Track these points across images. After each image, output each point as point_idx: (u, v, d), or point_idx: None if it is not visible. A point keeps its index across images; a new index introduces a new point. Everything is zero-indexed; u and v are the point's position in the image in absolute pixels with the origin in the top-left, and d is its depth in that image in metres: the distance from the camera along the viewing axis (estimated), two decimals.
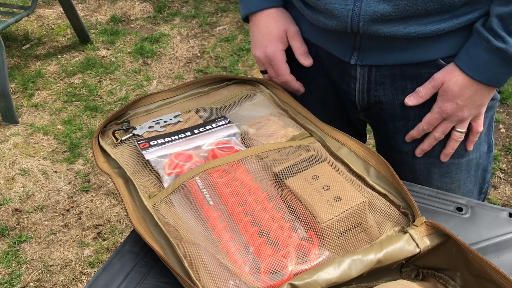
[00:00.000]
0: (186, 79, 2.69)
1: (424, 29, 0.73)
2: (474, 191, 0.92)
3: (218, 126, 0.78)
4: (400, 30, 0.73)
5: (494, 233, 0.68)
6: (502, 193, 1.98)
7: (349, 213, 0.60)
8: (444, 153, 0.84)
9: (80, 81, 2.69)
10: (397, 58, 0.79)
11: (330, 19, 0.76)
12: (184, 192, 0.67)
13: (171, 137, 0.76)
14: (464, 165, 0.87)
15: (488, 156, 0.91)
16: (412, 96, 0.81)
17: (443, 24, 0.73)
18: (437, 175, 0.88)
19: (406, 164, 0.89)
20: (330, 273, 0.53)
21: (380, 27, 0.73)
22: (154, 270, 0.64)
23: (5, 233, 1.88)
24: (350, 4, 0.73)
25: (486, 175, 0.93)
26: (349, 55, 0.81)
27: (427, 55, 0.77)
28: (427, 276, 0.60)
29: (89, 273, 1.74)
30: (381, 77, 0.82)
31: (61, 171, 2.15)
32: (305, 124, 0.80)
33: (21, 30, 3.15)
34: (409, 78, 0.80)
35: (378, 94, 0.84)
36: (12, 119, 2.39)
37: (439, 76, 0.77)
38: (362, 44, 0.79)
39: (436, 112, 0.79)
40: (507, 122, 2.33)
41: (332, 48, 0.84)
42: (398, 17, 0.72)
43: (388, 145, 0.90)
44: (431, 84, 0.78)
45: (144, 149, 0.73)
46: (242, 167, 0.69)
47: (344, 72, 0.85)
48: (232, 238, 0.60)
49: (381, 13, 0.72)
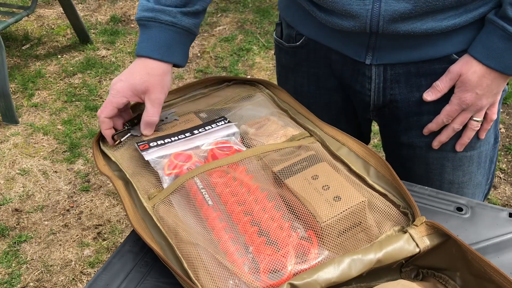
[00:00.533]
0: (186, 79, 2.69)
1: (440, 25, 0.73)
2: (482, 182, 0.93)
3: (218, 126, 0.78)
4: (418, 27, 0.74)
5: (494, 233, 0.68)
6: (502, 193, 1.98)
7: (349, 213, 0.60)
8: (460, 143, 0.85)
9: (80, 81, 2.69)
10: (412, 55, 0.79)
11: (347, 20, 0.76)
12: (183, 193, 0.67)
13: (171, 138, 0.76)
14: (476, 157, 0.88)
15: (495, 147, 0.92)
16: (430, 92, 0.81)
17: (457, 19, 0.74)
18: (450, 168, 0.88)
19: (419, 159, 0.89)
20: (329, 272, 0.53)
21: (398, 26, 0.74)
22: (154, 270, 0.64)
23: (5, 233, 1.88)
24: (369, 5, 0.73)
25: (492, 166, 0.94)
26: (364, 55, 0.81)
27: (441, 51, 0.78)
28: (427, 276, 0.60)
29: (89, 273, 1.74)
30: (396, 75, 0.82)
31: (61, 171, 2.15)
32: (305, 124, 0.80)
33: (21, 30, 3.15)
34: (424, 75, 0.81)
35: (394, 93, 0.84)
36: (12, 119, 2.39)
37: (456, 68, 0.77)
38: (377, 43, 0.79)
39: (455, 104, 0.79)
40: (507, 122, 2.33)
41: (346, 49, 0.83)
42: (416, 15, 0.72)
43: (398, 141, 0.90)
44: (448, 77, 0.78)
45: (144, 150, 0.73)
46: (242, 167, 0.69)
47: (357, 73, 0.85)
48: (231, 238, 0.60)
49: (401, 11, 0.72)
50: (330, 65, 0.88)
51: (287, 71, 0.97)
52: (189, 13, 0.78)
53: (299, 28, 0.89)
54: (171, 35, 0.78)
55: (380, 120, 0.92)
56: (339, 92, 0.92)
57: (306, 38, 0.88)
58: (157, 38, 0.77)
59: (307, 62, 0.91)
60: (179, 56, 0.80)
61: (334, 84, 0.91)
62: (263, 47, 2.91)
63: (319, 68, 0.90)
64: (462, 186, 0.90)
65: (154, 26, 0.77)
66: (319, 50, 0.88)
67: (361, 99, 0.89)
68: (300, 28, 0.88)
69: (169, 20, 0.77)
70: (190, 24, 0.79)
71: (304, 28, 0.88)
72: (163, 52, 0.77)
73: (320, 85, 0.93)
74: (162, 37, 0.77)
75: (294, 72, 0.95)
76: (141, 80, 0.76)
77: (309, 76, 0.93)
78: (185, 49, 0.81)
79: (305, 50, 0.90)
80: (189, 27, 0.79)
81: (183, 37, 0.79)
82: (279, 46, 0.96)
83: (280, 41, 0.95)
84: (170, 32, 0.77)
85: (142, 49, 0.77)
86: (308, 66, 0.92)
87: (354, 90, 0.88)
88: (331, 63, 0.88)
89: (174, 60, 0.79)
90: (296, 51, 0.92)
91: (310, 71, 0.92)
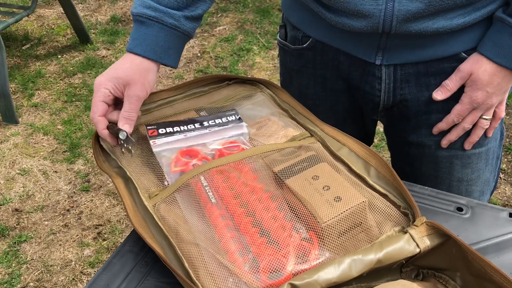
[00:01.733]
0: (186, 79, 2.69)
1: (451, 24, 0.74)
2: (490, 179, 0.93)
3: (228, 121, 0.78)
4: (429, 26, 0.74)
5: (494, 233, 0.68)
6: (502, 193, 1.98)
7: (349, 213, 0.60)
8: (468, 141, 0.85)
9: (80, 81, 2.69)
10: (421, 54, 0.79)
11: (358, 20, 0.76)
12: (188, 190, 0.67)
13: (180, 126, 0.76)
14: (484, 154, 0.88)
15: (500, 144, 0.92)
16: (439, 91, 0.81)
17: (467, 17, 0.74)
18: (459, 166, 0.88)
19: (428, 157, 0.89)
20: (330, 273, 0.53)
21: (410, 25, 0.74)
22: (154, 270, 0.64)
23: (5, 233, 1.88)
24: (382, 4, 0.72)
25: (498, 162, 0.95)
26: (374, 56, 0.81)
27: (451, 49, 0.78)
28: (427, 276, 0.60)
29: (89, 273, 1.74)
30: (406, 75, 0.82)
31: (61, 171, 2.15)
32: (306, 124, 0.80)
33: (21, 30, 3.15)
34: (433, 74, 0.81)
35: (404, 92, 0.84)
36: (12, 119, 2.39)
37: (466, 67, 0.77)
38: (388, 43, 0.78)
39: (466, 103, 0.79)
40: (507, 122, 2.33)
41: (355, 50, 0.83)
42: (428, 14, 0.72)
43: (406, 140, 0.90)
44: (458, 76, 0.78)
45: (152, 137, 0.73)
46: (247, 166, 0.69)
47: (367, 73, 0.84)
48: (233, 237, 0.60)
49: (414, 11, 0.72)
50: (338, 66, 0.88)
51: (291, 72, 0.96)
52: (191, 17, 0.78)
53: (306, 30, 0.88)
54: (171, 38, 0.77)
55: (387, 120, 0.92)
56: (345, 94, 0.92)
57: (313, 40, 0.87)
58: (155, 39, 0.76)
59: (314, 64, 0.91)
60: (174, 58, 0.79)
61: (341, 86, 0.91)
62: (263, 47, 2.91)
63: (326, 70, 0.90)
64: (471, 184, 0.90)
65: (155, 26, 0.76)
66: (327, 51, 0.87)
67: (370, 100, 0.88)
68: (307, 30, 0.88)
69: (172, 24, 0.76)
70: (191, 28, 0.79)
71: (312, 29, 0.87)
72: (160, 53, 0.76)
73: (326, 87, 0.92)
74: (162, 38, 0.76)
75: (300, 73, 0.94)
76: (124, 73, 0.74)
77: (316, 78, 0.92)
78: (180, 52, 0.81)
79: (312, 52, 0.89)
80: (189, 31, 0.79)
81: (182, 40, 0.79)
82: (283, 49, 0.95)
83: (284, 43, 0.94)
84: (171, 35, 0.77)
85: (136, 47, 0.75)
86: (315, 68, 0.91)
87: (363, 91, 0.88)
88: (339, 65, 0.87)
89: (169, 62, 0.78)
90: (303, 53, 0.91)
91: (316, 73, 0.91)
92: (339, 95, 0.92)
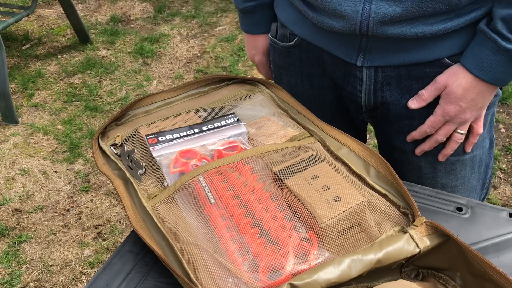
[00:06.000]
0: (186, 79, 2.69)
1: (431, 29, 0.73)
2: (477, 187, 0.93)
3: (227, 124, 0.78)
4: (408, 31, 0.73)
5: (494, 233, 0.68)
6: (502, 193, 1.98)
7: (349, 213, 0.60)
8: (443, 153, 0.85)
9: (80, 81, 2.69)
10: (403, 58, 0.79)
11: (337, 20, 0.76)
12: (187, 191, 0.67)
13: (179, 133, 0.76)
14: (469, 162, 0.88)
15: (490, 152, 0.92)
16: (415, 100, 0.81)
17: (448, 23, 0.73)
18: (442, 172, 0.88)
19: (411, 163, 0.89)
20: (330, 273, 0.53)
21: (388, 28, 0.73)
22: (154, 270, 0.64)
23: (5, 233, 1.88)
24: (359, 6, 0.73)
25: (488, 171, 0.94)
26: (355, 57, 0.81)
27: (433, 54, 0.77)
28: (427, 276, 0.60)
29: (89, 273, 1.74)
30: (387, 77, 0.82)
31: (61, 171, 2.15)
32: (305, 124, 0.80)
33: (21, 30, 3.15)
34: (415, 78, 0.80)
35: (385, 95, 0.84)
36: (12, 119, 2.39)
37: (442, 78, 0.77)
38: (369, 45, 0.78)
39: (439, 115, 0.79)
40: (507, 122, 2.33)
41: (337, 50, 0.83)
42: (406, 18, 0.72)
43: (391, 145, 0.90)
44: (433, 87, 0.78)
45: (152, 145, 0.73)
46: (246, 166, 0.69)
47: (349, 74, 0.85)
48: (232, 237, 0.60)
49: (391, 14, 0.72)
50: (323, 65, 0.88)
51: (281, 70, 0.97)
52: None
53: (292, 28, 0.89)
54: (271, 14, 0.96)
55: (373, 121, 0.92)
56: (332, 92, 0.92)
57: (299, 38, 0.88)
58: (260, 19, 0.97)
59: (301, 62, 0.91)
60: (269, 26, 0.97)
61: (327, 84, 0.91)
62: None
63: (312, 68, 0.90)
64: (455, 190, 0.90)
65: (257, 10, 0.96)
66: (312, 50, 0.88)
67: (353, 100, 0.89)
68: (293, 28, 0.89)
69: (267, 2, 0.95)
70: None
71: (297, 28, 0.88)
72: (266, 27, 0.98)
73: (313, 84, 0.93)
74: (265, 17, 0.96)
75: (288, 71, 0.95)
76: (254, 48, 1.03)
77: (303, 76, 0.93)
78: None
79: (298, 50, 0.90)
80: None
81: None
82: (273, 46, 0.97)
83: (274, 40, 0.96)
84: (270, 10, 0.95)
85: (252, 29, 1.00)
86: (302, 66, 0.92)
87: (346, 91, 0.88)
88: (324, 64, 0.88)
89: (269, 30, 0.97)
90: (290, 51, 0.92)
91: (303, 70, 0.92)
92: (326, 93, 0.93)
